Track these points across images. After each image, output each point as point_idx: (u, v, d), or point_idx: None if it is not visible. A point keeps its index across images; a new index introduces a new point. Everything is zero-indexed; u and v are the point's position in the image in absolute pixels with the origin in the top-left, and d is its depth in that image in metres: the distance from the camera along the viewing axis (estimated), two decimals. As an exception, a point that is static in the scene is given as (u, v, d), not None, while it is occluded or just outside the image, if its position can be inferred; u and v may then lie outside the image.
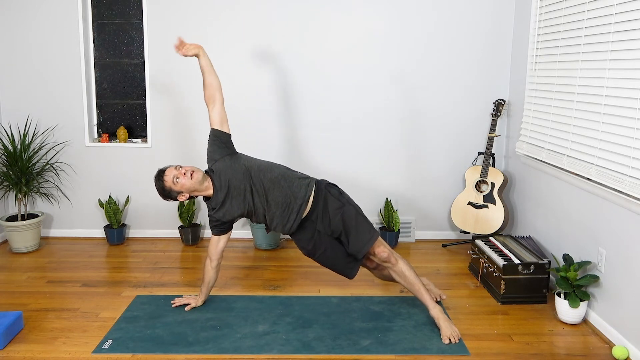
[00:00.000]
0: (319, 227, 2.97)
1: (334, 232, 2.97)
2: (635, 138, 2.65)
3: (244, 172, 2.95)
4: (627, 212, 2.76)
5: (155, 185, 2.99)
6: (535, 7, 3.74)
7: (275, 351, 2.70)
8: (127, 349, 2.71)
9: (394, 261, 2.95)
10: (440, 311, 2.90)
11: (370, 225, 3.00)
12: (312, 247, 3.01)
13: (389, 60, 4.24)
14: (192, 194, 2.95)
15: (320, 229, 2.98)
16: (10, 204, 4.43)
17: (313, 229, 2.99)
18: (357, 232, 2.93)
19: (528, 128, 3.82)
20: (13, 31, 4.21)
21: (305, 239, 3.01)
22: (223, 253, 3.11)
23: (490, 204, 4.05)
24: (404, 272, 2.95)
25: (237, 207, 2.95)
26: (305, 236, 3.01)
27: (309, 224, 2.99)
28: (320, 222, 2.97)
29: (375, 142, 4.36)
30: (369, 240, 2.93)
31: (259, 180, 2.94)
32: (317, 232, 2.98)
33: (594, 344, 2.83)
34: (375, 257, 2.97)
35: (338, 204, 2.98)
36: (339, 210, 2.96)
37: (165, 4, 4.17)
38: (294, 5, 4.17)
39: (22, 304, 3.22)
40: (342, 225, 2.94)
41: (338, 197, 3.02)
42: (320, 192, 3.00)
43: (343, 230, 2.94)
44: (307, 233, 3.00)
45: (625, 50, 2.74)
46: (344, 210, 2.96)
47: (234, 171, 2.95)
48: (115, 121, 4.47)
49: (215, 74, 3.13)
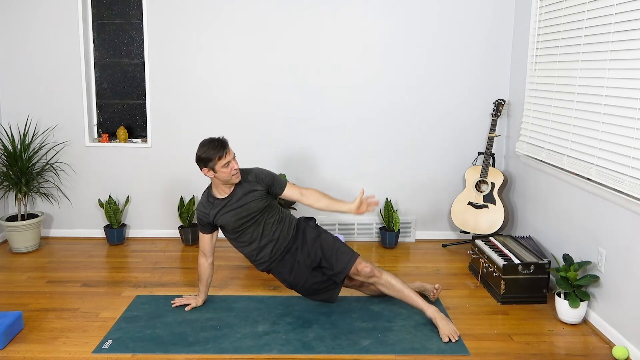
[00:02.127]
0: (299, 257, 3.07)
1: (314, 260, 3.05)
2: (635, 138, 2.65)
3: (259, 210, 3.03)
4: (627, 212, 2.76)
5: (203, 143, 2.90)
6: (535, 7, 3.74)
7: (275, 351, 2.70)
8: (127, 349, 2.71)
9: (378, 274, 3.01)
10: (436, 311, 2.91)
11: (348, 248, 3.10)
12: (293, 279, 3.10)
13: (390, 62, 4.24)
14: (224, 181, 2.94)
15: (300, 260, 3.07)
16: (10, 204, 4.43)
17: (293, 261, 3.08)
18: (337, 254, 3.03)
19: (528, 128, 3.82)
20: (13, 31, 4.21)
21: (286, 272, 3.10)
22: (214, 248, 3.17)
23: (490, 204, 4.05)
24: (390, 282, 3.01)
25: (233, 221, 3.00)
26: (285, 269, 3.10)
27: (289, 257, 3.09)
28: (300, 253, 3.07)
29: (375, 142, 4.36)
30: (350, 260, 3.01)
31: (263, 220, 3.06)
32: (297, 263, 3.07)
33: (594, 344, 2.83)
34: (360, 275, 3.02)
35: (315, 233, 3.11)
36: (317, 239, 3.08)
37: (165, 4, 4.17)
38: (294, 6, 4.17)
39: (22, 304, 3.22)
40: (321, 251, 3.04)
41: (315, 227, 3.17)
42: (300, 225, 3.15)
43: (322, 256, 3.04)
44: (287, 266, 3.09)
45: (625, 51, 2.74)
46: (321, 238, 3.09)
47: (256, 202, 3.01)
48: (115, 121, 4.47)
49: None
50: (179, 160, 4.36)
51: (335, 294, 3.14)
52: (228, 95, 4.30)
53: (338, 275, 3.02)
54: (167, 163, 4.39)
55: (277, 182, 3.08)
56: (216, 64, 4.25)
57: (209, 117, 4.32)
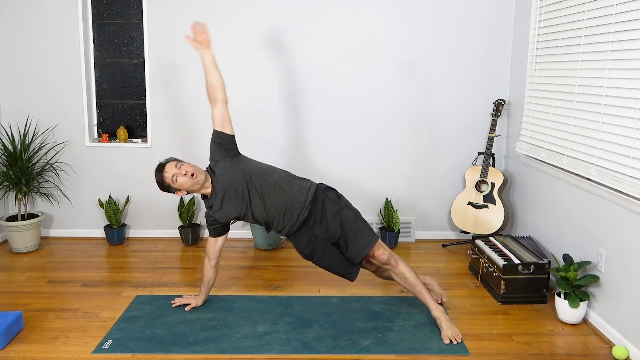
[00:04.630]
0: (317, 232, 2.95)
1: (332, 237, 2.93)
2: (635, 138, 2.65)
3: (243, 175, 2.94)
4: (627, 212, 2.76)
5: (155, 176, 2.97)
6: (535, 7, 3.74)
7: (275, 351, 2.70)
8: (127, 349, 2.71)
9: (394, 263, 2.93)
10: (442, 312, 2.90)
11: (369, 228, 2.97)
12: (309, 252, 3.00)
13: (390, 61, 4.24)
14: (190, 191, 2.95)
15: (318, 234, 2.95)
16: (10, 204, 4.43)
17: (310, 234, 2.97)
18: (356, 236, 2.91)
19: (528, 128, 3.82)
20: (13, 31, 4.21)
21: (303, 243, 3.00)
22: (221, 252, 3.12)
23: (490, 204, 4.05)
24: (405, 274, 2.94)
25: (234, 209, 2.95)
26: (303, 240, 2.99)
27: (306, 229, 2.97)
28: (318, 227, 2.94)
29: (375, 142, 4.36)
30: (368, 244, 2.90)
31: (258, 183, 2.94)
32: (314, 237, 2.96)
33: (594, 344, 2.83)
34: (375, 260, 2.95)
35: (336, 208, 2.95)
36: (337, 215, 2.93)
37: (165, 4, 4.17)
38: (294, 5, 4.17)
39: (22, 304, 3.22)
40: (340, 229, 2.91)
41: (336, 201, 2.98)
42: (319, 196, 2.98)
43: (342, 234, 2.92)
44: (304, 237, 2.98)
45: (625, 51, 2.74)
46: (342, 214, 2.93)
47: (233, 173, 2.94)
48: (115, 121, 4.47)
49: (219, 72, 3.07)
50: (179, 160, 4.36)
51: (355, 274, 3.01)
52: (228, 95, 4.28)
53: (354, 258, 2.93)
54: (167, 163, 4.38)
55: (216, 134, 3.03)
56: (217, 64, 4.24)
57: (209, 117, 4.30)
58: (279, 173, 3.01)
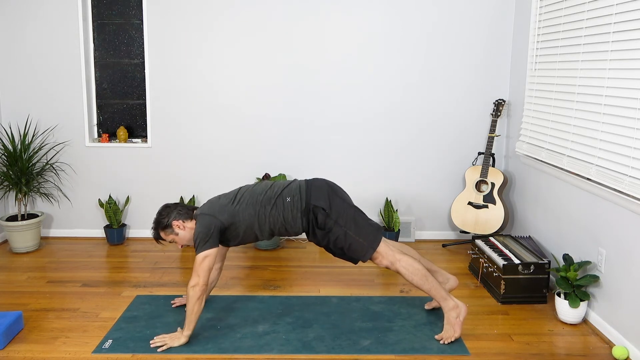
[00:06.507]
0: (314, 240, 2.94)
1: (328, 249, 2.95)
2: (635, 138, 2.65)
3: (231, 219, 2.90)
4: (627, 212, 2.76)
5: (153, 221, 2.94)
6: (535, 7, 3.74)
7: (275, 351, 2.70)
8: (127, 349, 2.71)
9: (395, 269, 2.85)
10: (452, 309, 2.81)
11: (364, 238, 2.86)
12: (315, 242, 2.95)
13: (390, 61, 4.24)
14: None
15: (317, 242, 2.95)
16: (10, 204, 4.43)
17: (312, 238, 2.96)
18: (349, 251, 2.89)
19: (528, 128, 3.82)
20: (13, 31, 4.21)
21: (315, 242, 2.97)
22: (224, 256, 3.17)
23: (490, 204, 4.05)
24: (408, 279, 2.84)
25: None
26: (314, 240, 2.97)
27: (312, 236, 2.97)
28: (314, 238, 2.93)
29: (375, 142, 4.36)
30: (364, 255, 2.87)
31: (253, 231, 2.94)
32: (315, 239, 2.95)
33: (594, 344, 2.83)
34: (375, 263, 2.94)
35: (322, 234, 2.88)
36: (326, 238, 2.88)
37: (165, 4, 4.17)
38: (294, 6, 4.17)
39: (22, 304, 3.22)
40: (334, 249, 2.91)
41: (323, 225, 2.86)
42: (309, 210, 2.86)
43: (336, 252, 2.93)
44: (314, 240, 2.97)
45: (625, 51, 2.74)
46: (329, 238, 2.87)
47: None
48: (115, 121, 4.47)
49: (202, 297, 2.77)
50: (179, 160, 4.37)
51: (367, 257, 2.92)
52: (228, 95, 4.30)
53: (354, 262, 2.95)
54: (167, 163, 4.39)
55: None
56: (216, 63, 4.25)
57: (209, 117, 4.32)
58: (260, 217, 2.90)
